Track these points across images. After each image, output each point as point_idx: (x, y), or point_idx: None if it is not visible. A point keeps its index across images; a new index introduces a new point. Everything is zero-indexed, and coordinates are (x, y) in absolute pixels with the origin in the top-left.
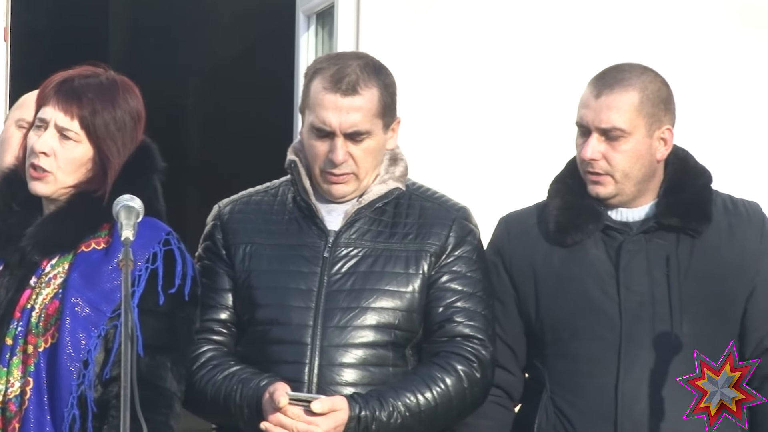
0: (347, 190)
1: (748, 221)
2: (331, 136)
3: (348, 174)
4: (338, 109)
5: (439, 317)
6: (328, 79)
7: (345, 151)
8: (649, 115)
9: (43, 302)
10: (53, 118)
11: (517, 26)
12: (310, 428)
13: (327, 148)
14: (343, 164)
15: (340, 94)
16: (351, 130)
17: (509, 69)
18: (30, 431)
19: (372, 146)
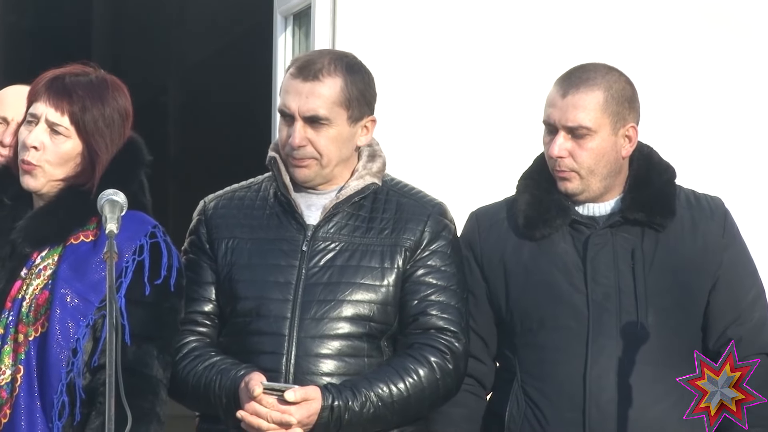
0: (309, 173)
1: (710, 215)
2: (292, 120)
3: (309, 159)
4: (298, 94)
5: (414, 310)
6: (296, 67)
7: (303, 135)
8: (614, 113)
9: (33, 293)
10: (44, 113)
11: (490, 27)
12: (284, 417)
13: (285, 135)
14: (300, 148)
15: (301, 79)
16: (308, 114)
17: (483, 69)
18: (21, 417)
19: (333, 135)
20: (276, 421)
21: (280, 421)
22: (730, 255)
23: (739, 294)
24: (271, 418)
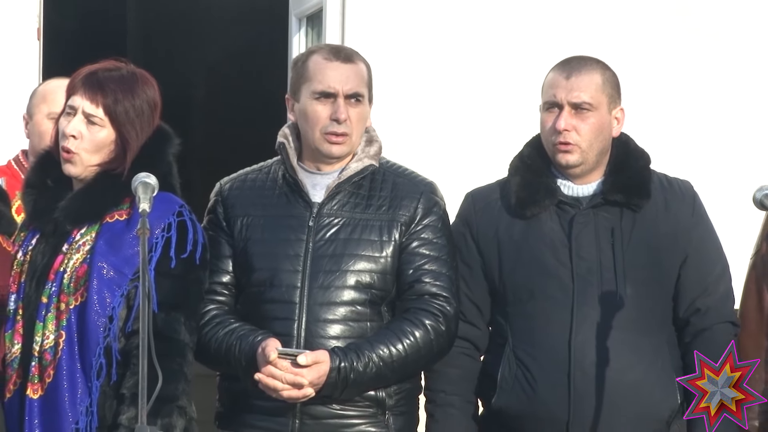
0: (344, 149)
1: (681, 197)
2: (334, 97)
3: (347, 135)
4: (341, 73)
5: (410, 278)
6: (327, 52)
7: (345, 112)
8: (609, 95)
9: (73, 266)
10: (81, 105)
11: (480, 31)
12: (297, 378)
13: (329, 111)
14: (344, 123)
15: (341, 61)
16: (352, 92)
17: (473, 68)
18: (63, 377)
19: (363, 112)
20: (290, 383)
21: (294, 382)
22: (699, 233)
23: (707, 269)
24: (285, 379)
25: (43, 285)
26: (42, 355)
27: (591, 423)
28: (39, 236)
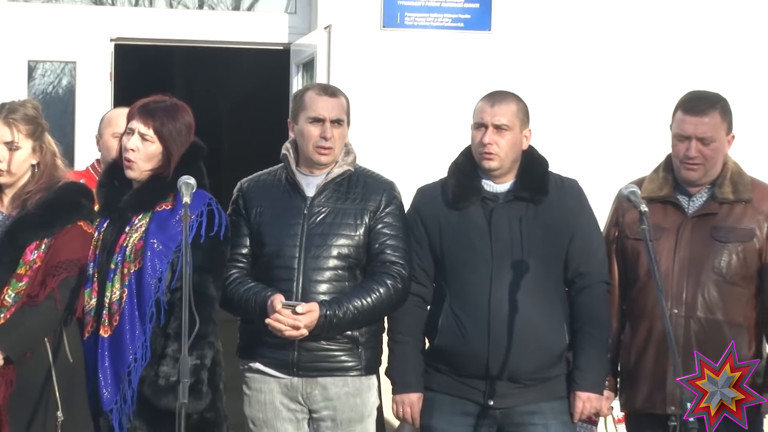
0: (329, 159)
1: (570, 192)
2: (323, 122)
3: (331, 148)
4: (328, 104)
5: (376, 250)
6: (318, 89)
7: (331, 132)
8: (521, 119)
9: (133, 242)
10: (137, 127)
11: (424, 78)
12: (295, 323)
13: (319, 131)
14: (330, 139)
15: (328, 96)
16: (335, 118)
17: (419, 101)
18: (125, 322)
19: (343, 132)
20: (290, 326)
21: (293, 325)
22: (582, 219)
23: (587, 244)
24: (287, 323)
25: (112, 255)
26: (110, 306)
27: (503, 357)
28: (109, 221)
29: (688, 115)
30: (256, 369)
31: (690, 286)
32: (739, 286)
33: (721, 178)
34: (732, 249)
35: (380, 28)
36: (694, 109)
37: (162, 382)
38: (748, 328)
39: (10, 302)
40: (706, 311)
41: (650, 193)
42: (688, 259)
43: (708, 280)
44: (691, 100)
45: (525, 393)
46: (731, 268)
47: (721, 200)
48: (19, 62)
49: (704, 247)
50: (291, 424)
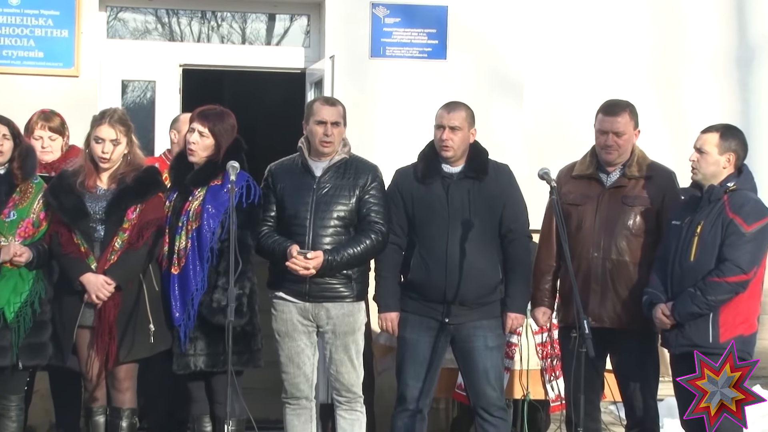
0: (330, 150)
1: (503, 173)
2: (325, 124)
3: (332, 142)
4: (328, 111)
5: (365, 213)
6: (323, 101)
7: (331, 131)
8: (469, 122)
9: (194, 208)
10: (197, 127)
11: (407, 93)
12: (306, 264)
13: (323, 130)
14: (330, 136)
15: (329, 106)
16: (333, 120)
17: (399, 110)
18: (189, 263)
19: (340, 131)
20: (303, 267)
21: (305, 267)
22: (511, 192)
23: (515, 209)
24: (301, 265)
25: (179, 217)
26: (179, 252)
27: (456, 287)
28: (177, 193)
29: (606, 116)
30: (280, 297)
31: (606, 237)
32: (641, 236)
33: (630, 161)
34: (636, 211)
35: (368, 58)
36: (611, 112)
37: (215, 305)
38: (647, 266)
39: (118, 248)
40: (617, 254)
41: (580, 172)
42: (605, 218)
43: (619, 233)
44: (609, 105)
45: (471, 313)
46: (636, 224)
47: (629, 176)
48: (116, 81)
49: (617, 209)
50: (305, 335)
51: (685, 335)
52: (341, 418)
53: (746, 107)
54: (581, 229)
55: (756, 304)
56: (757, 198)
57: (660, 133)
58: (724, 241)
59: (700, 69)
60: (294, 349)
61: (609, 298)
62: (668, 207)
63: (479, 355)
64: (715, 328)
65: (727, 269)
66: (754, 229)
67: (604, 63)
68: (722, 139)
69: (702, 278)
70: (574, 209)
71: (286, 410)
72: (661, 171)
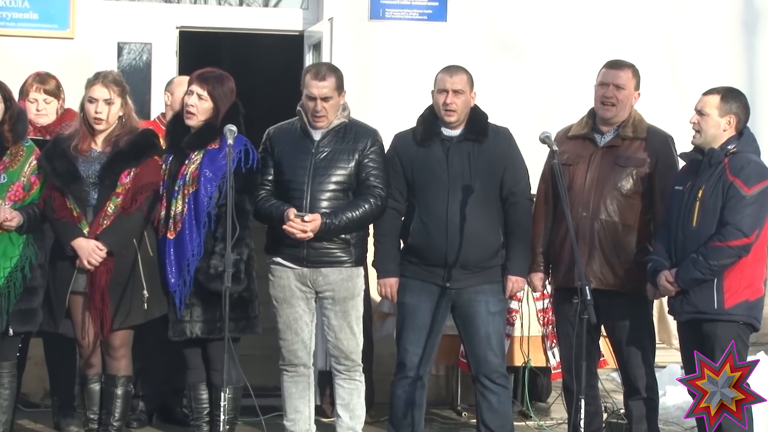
0: (323, 124)
1: (503, 137)
2: (315, 99)
3: (323, 116)
4: (317, 87)
5: (363, 177)
6: (313, 74)
7: (321, 106)
8: (470, 85)
9: (191, 171)
10: (196, 90)
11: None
12: (304, 227)
13: (313, 105)
14: (320, 111)
15: (318, 80)
16: (323, 96)
17: (399, 74)
18: (185, 227)
19: (332, 103)
20: (300, 230)
21: (303, 230)
22: (512, 155)
23: (516, 172)
24: (298, 228)
25: (176, 180)
26: (175, 216)
27: (457, 251)
28: (173, 156)
29: (610, 69)
30: (277, 262)
31: (596, 197)
32: (632, 198)
33: (626, 122)
34: (629, 171)
35: (368, 20)
36: (614, 66)
37: (212, 271)
38: (638, 230)
39: (111, 213)
40: (607, 215)
41: (576, 132)
42: (597, 178)
43: (609, 193)
44: (613, 61)
45: (472, 277)
46: (627, 185)
47: (623, 137)
48: (111, 43)
49: (608, 169)
50: (303, 301)
51: (690, 302)
52: (340, 387)
53: (750, 71)
54: (572, 188)
55: (761, 267)
56: (759, 160)
57: (663, 96)
58: (725, 205)
59: (704, 32)
60: (292, 316)
61: (596, 259)
62: (661, 170)
63: (481, 321)
64: (719, 294)
65: (728, 233)
66: (755, 191)
67: (607, 25)
68: (723, 102)
69: (704, 243)
70: (567, 169)
71: (284, 377)
72: (656, 134)
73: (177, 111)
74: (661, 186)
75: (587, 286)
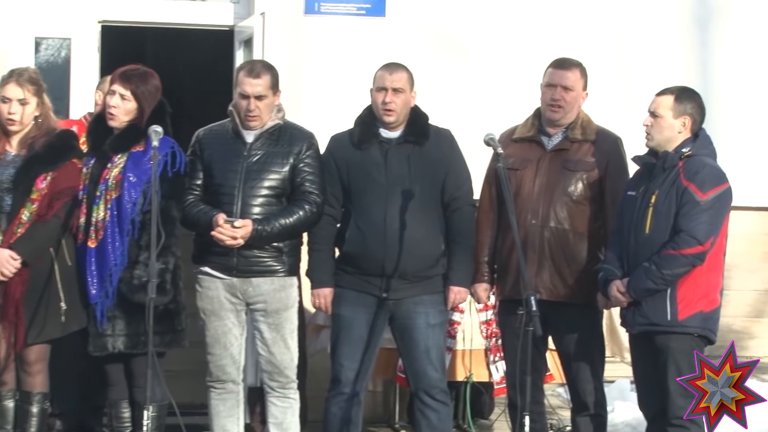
0: (256, 124)
1: (445, 139)
2: (248, 98)
3: (257, 116)
4: (250, 85)
5: (298, 183)
6: (247, 71)
7: (255, 105)
8: (411, 84)
9: (114, 175)
10: (118, 89)
11: (344, 53)
12: (234, 234)
13: (246, 104)
14: (254, 110)
15: (252, 78)
16: (257, 94)
17: (335, 72)
18: (108, 235)
19: (266, 103)
20: (229, 236)
21: (232, 236)
22: (454, 158)
23: (458, 177)
24: (227, 235)
25: (97, 185)
26: (96, 224)
27: (395, 260)
28: (95, 159)
29: (557, 69)
30: (205, 272)
31: (545, 203)
32: (583, 204)
33: (574, 123)
34: (579, 176)
35: (302, 15)
36: (561, 66)
37: (136, 282)
38: (588, 237)
39: (25, 220)
40: (557, 222)
41: (521, 135)
42: (545, 184)
43: (559, 199)
44: (560, 60)
45: (411, 288)
46: (577, 190)
47: (572, 140)
48: (28, 38)
49: (558, 174)
50: (232, 313)
51: (642, 313)
52: (272, 405)
53: (704, 69)
54: (519, 194)
55: (717, 277)
56: (715, 164)
57: (613, 96)
58: (679, 211)
59: (655, 28)
60: (221, 329)
61: (546, 269)
62: (612, 174)
63: (420, 334)
64: (673, 305)
65: (682, 241)
66: (709, 196)
67: (554, 21)
68: (677, 102)
69: (657, 251)
70: (513, 174)
71: (212, 395)
72: (605, 136)
73: (99, 111)
74: (611, 190)
75: (533, 297)
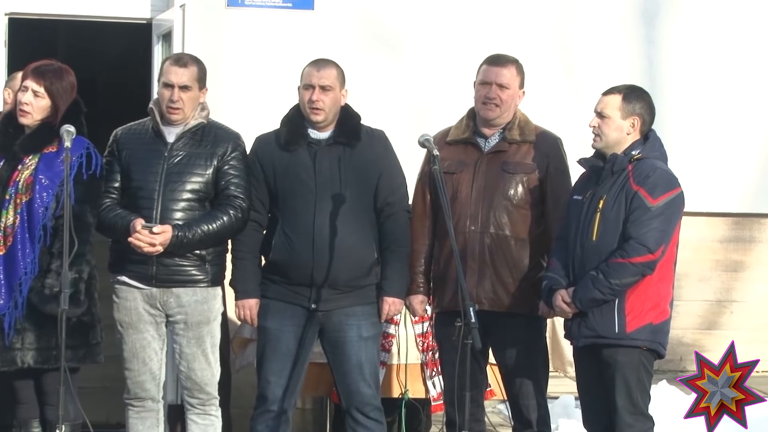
0: (178, 118)
1: (378, 140)
2: (172, 87)
3: (179, 108)
4: (176, 73)
5: (223, 187)
6: (173, 60)
7: (178, 96)
8: (341, 82)
9: (24, 178)
10: (30, 85)
11: (270, 48)
12: (152, 240)
13: (169, 94)
14: (177, 102)
15: (178, 66)
16: (182, 84)
17: (261, 69)
18: (17, 242)
19: (190, 96)
20: (147, 243)
21: (150, 243)
22: (388, 161)
23: (392, 181)
24: (145, 241)
25: (6, 188)
26: (5, 229)
27: (325, 268)
28: (4, 161)
29: (491, 66)
30: (122, 281)
31: (484, 208)
32: (524, 209)
33: (511, 124)
34: (518, 179)
35: (225, 7)
36: (496, 62)
37: (47, 292)
38: (530, 243)
39: None
40: (497, 228)
41: (455, 137)
42: (483, 187)
43: (498, 204)
44: (494, 56)
45: (342, 298)
46: (517, 194)
47: (510, 141)
48: None
49: (496, 177)
50: (151, 326)
51: (589, 325)
52: (193, 423)
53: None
54: (457, 199)
55: (667, 287)
56: (666, 167)
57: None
58: (628, 217)
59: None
60: (139, 343)
61: (487, 277)
62: (553, 176)
63: (352, 347)
64: (621, 317)
65: (631, 248)
66: (660, 202)
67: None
68: (625, 102)
69: (604, 259)
70: (449, 178)
71: (129, 413)
72: (545, 136)
73: (10, 109)
74: (553, 193)
75: (471, 308)
